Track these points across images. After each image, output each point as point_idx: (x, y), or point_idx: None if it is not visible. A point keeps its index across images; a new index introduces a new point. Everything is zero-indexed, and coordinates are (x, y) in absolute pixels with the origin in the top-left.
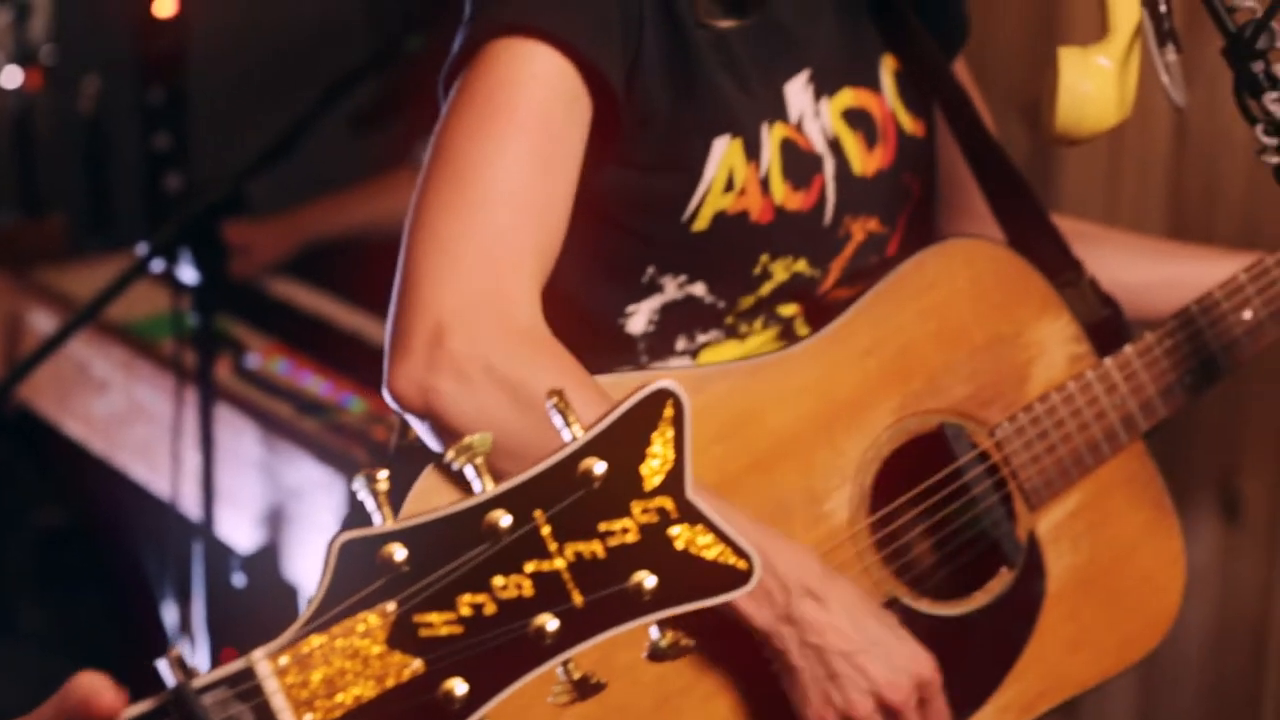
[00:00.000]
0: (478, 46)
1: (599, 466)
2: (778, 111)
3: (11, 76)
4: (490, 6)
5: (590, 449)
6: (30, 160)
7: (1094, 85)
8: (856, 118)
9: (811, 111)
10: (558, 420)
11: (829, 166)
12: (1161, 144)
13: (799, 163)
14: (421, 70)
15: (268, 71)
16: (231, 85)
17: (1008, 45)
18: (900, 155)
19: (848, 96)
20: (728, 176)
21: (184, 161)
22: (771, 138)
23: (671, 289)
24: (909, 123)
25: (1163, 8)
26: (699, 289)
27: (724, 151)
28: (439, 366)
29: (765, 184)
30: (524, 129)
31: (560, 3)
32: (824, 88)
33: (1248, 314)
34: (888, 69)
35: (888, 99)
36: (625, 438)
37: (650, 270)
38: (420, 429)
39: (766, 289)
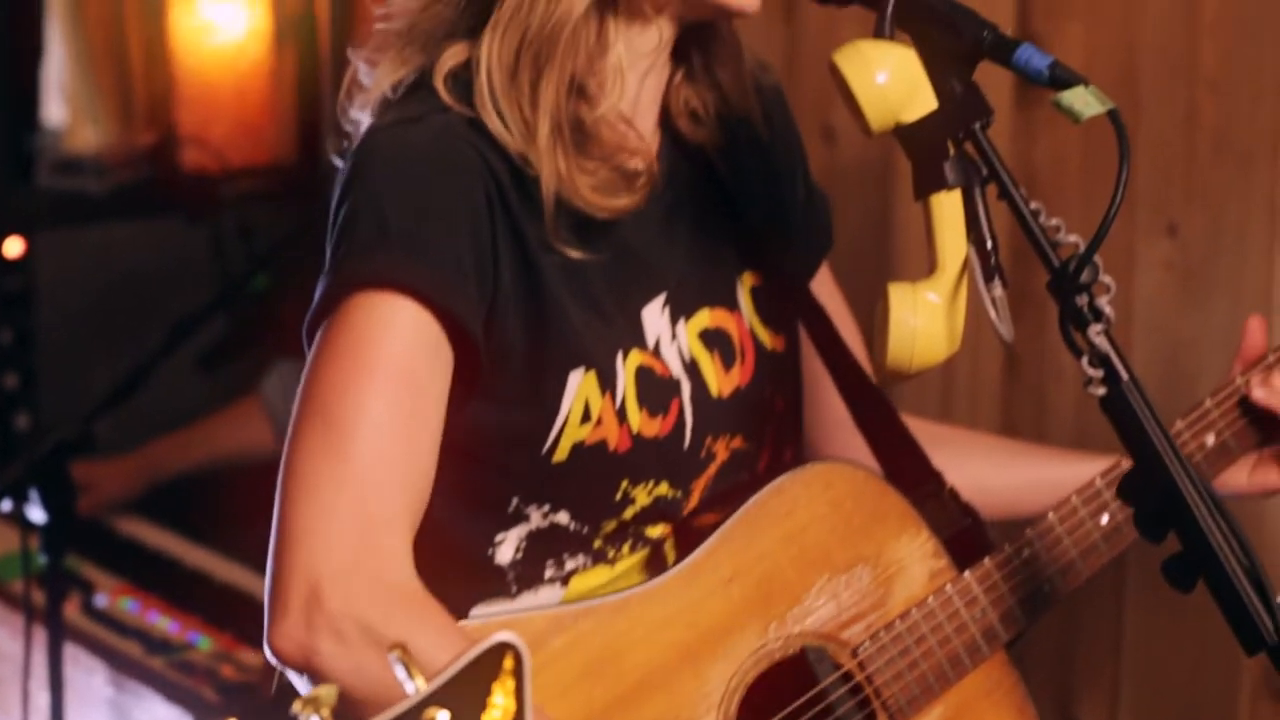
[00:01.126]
0: (339, 299)
1: (441, 716)
2: (634, 339)
3: None
4: (350, 260)
5: (433, 699)
6: None
7: (923, 320)
8: (714, 338)
9: (669, 335)
10: (400, 673)
11: (686, 389)
12: (992, 376)
13: (655, 389)
14: (267, 308)
15: (115, 311)
16: (79, 325)
17: (842, 280)
18: (759, 372)
19: (705, 317)
20: (584, 408)
21: (32, 401)
22: (626, 367)
23: (536, 518)
24: (768, 339)
25: (989, 244)
26: (563, 517)
27: (579, 384)
28: (317, 627)
29: (621, 413)
30: (389, 383)
31: (418, 257)
32: (681, 310)
33: (1104, 518)
34: (745, 286)
35: (746, 317)
36: (467, 689)
37: (514, 501)
38: (299, 682)
39: (629, 514)
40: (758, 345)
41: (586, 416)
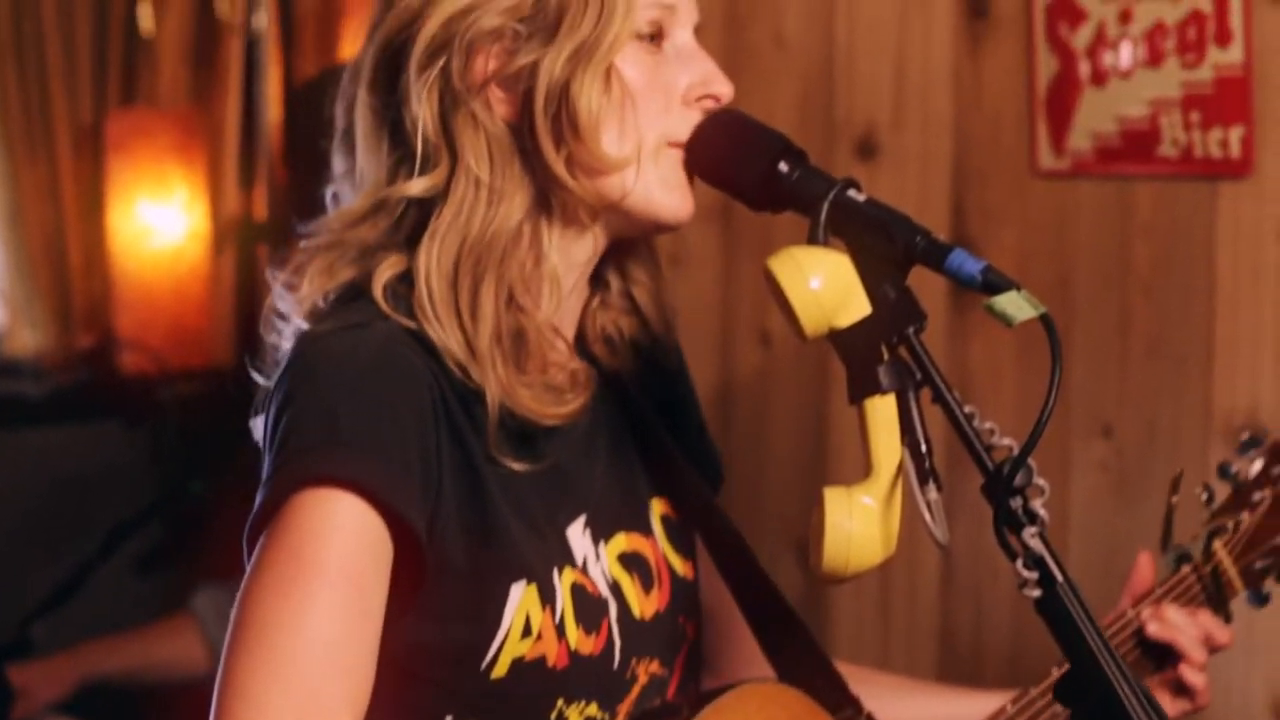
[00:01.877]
0: (284, 498)
1: None
2: (565, 556)
3: None
4: (297, 459)
5: None
6: None
7: (858, 524)
8: (632, 561)
9: (593, 555)
10: None
11: (613, 610)
12: (928, 579)
13: (588, 607)
14: (204, 514)
15: (53, 514)
16: (16, 528)
17: (779, 483)
18: (674, 598)
19: (622, 541)
20: (525, 622)
21: None
22: (563, 582)
23: None
24: (680, 565)
25: (923, 447)
26: None
27: (520, 598)
28: None
29: (560, 629)
30: (333, 582)
31: (364, 452)
32: (600, 532)
33: None
34: (656, 513)
35: (659, 543)
36: None
37: (449, 718)
38: None
39: None
40: (671, 571)
41: (528, 631)
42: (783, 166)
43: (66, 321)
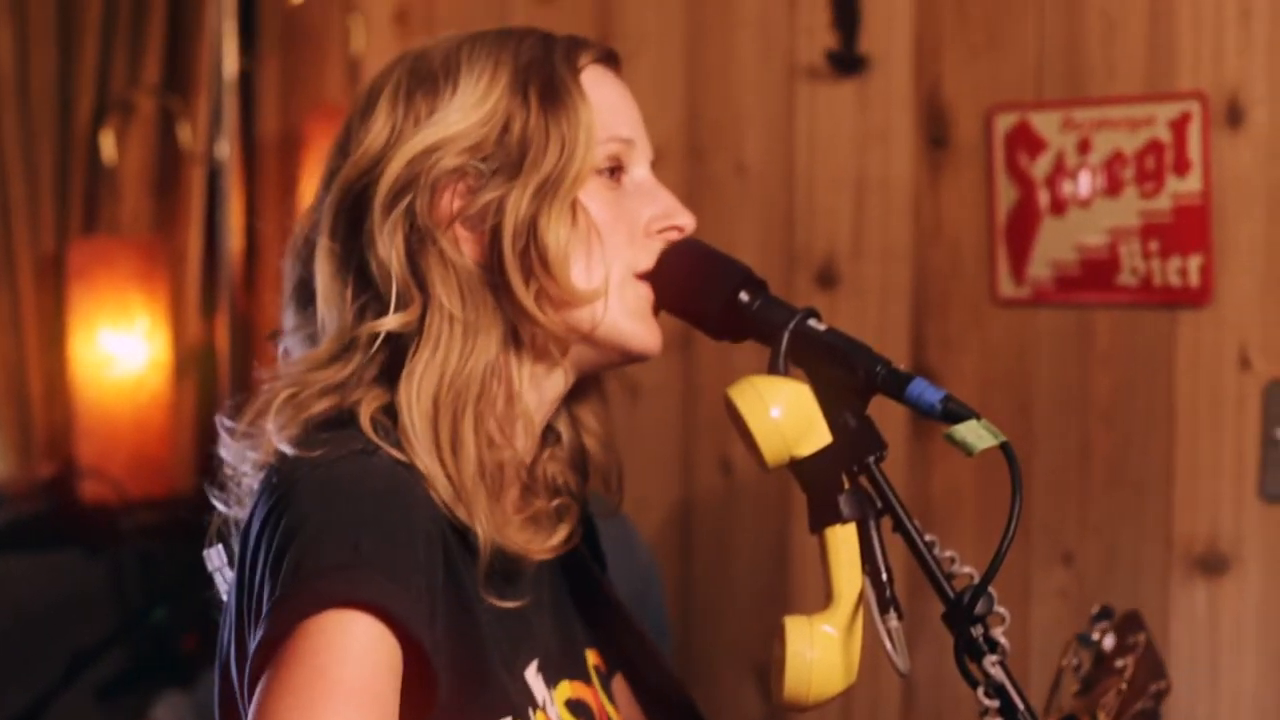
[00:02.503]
0: (302, 619)
1: None
2: (530, 697)
3: None
4: (313, 581)
5: None
6: None
7: (819, 653)
8: (578, 709)
9: (549, 699)
10: None
11: None
12: (890, 706)
13: None
14: (166, 641)
15: (14, 643)
16: None
17: (740, 611)
18: None
19: (567, 689)
20: None
21: None
22: None
23: None
24: (616, 716)
25: (884, 575)
26: None
27: None
28: None
29: None
30: (357, 703)
31: (384, 575)
32: (550, 678)
33: None
34: (590, 663)
35: (598, 691)
36: None
37: None
38: None
39: None
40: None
41: None
42: (743, 296)
43: (28, 450)
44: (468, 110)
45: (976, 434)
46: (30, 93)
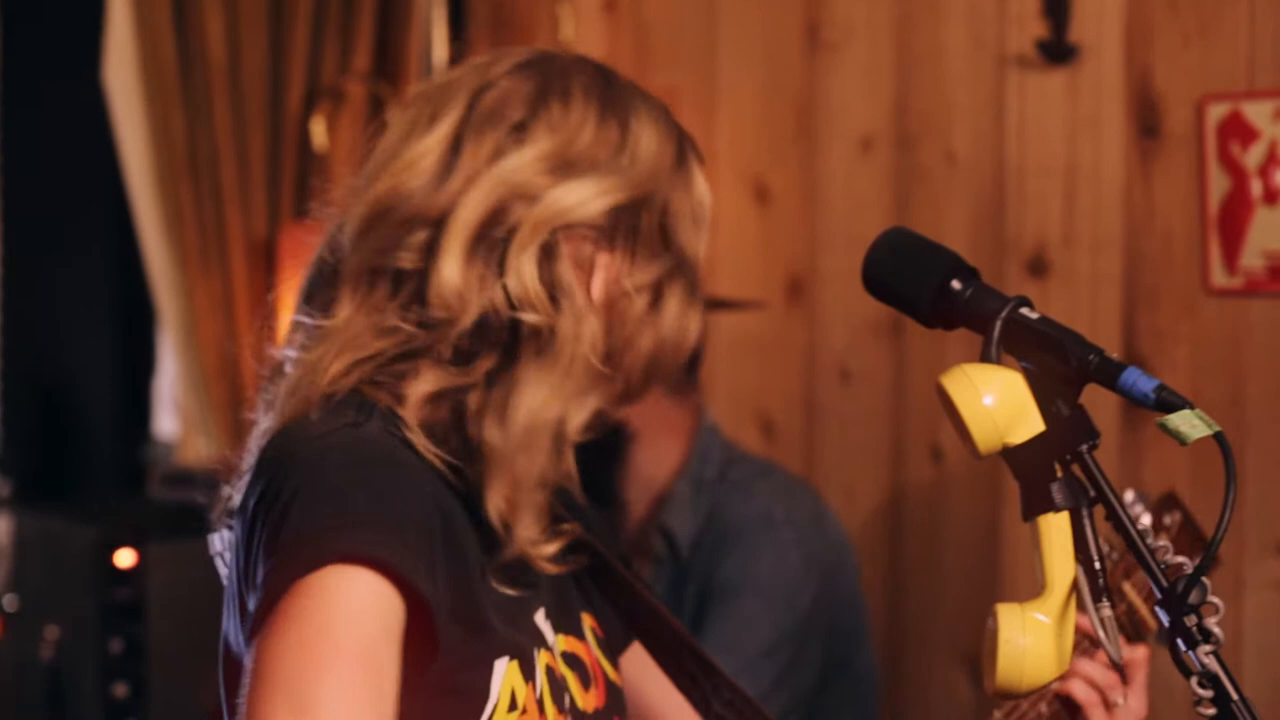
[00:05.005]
0: (298, 578)
1: None
2: (540, 639)
3: None
4: (308, 540)
5: None
6: None
7: (1032, 641)
8: (572, 660)
9: (554, 644)
10: None
11: (567, 698)
12: None
13: (558, 689)
14: None
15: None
16: (189, 635)
17: (951, 599)
18: (609, 699)
19: (563, 641)
20: (510, 696)
21: (142, 711)
22: (540, 662)
23: None
24: (612, 673)
25: (1097, 565)
26: None
27: (505, 672)
28: None
29: (540, 705)
30: (353, 664)
31: (378, 529)
32: (552, 626)
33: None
34: (588, 625)
35: (593, 648)
36: None
37: None
38: None
39: None
40: (605, 676)
41: (514, 705)
42: (955, 284)
43: (239, 432)
44: (649, 158)
45: (1190, 423)
46: (242, 80)
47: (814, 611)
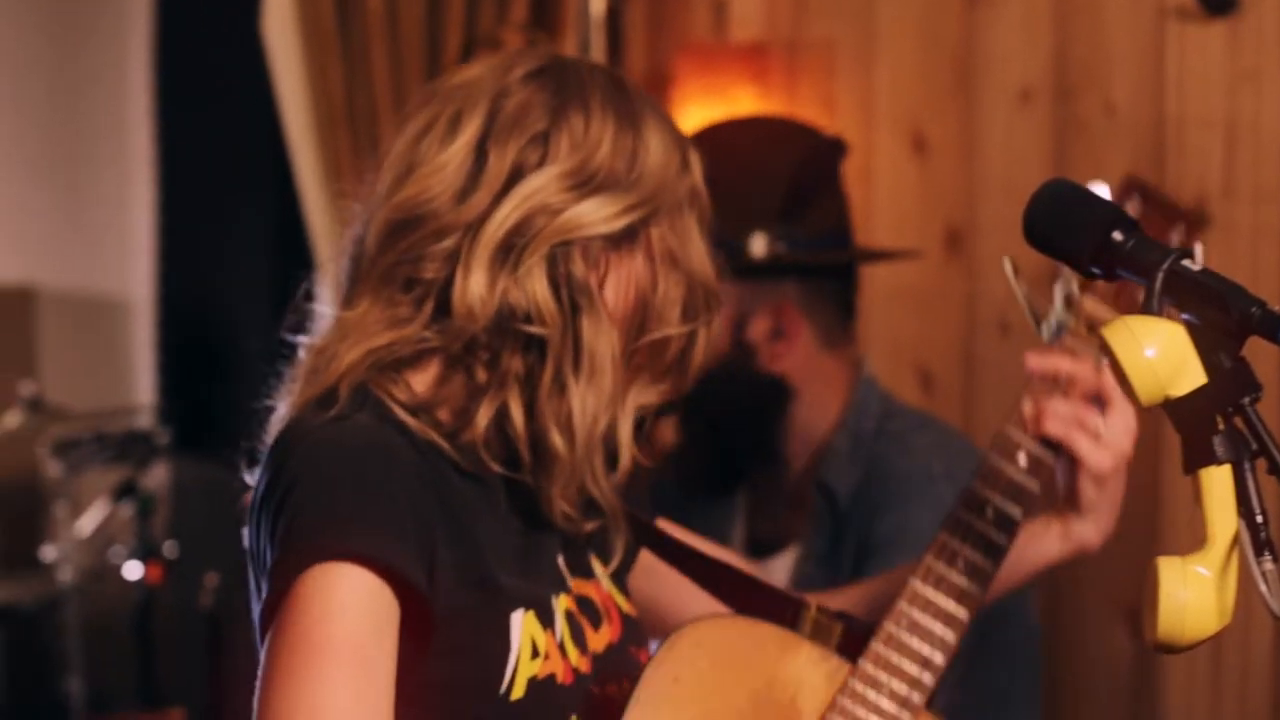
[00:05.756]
0: (291, 580)
1: None
2: (560, 583)
3: (133, 570)
4: (298, 542)
5: None
6: (150, 653)
7: (1193, 594)
8: (582, 603)
9: (570, 586)
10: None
11: (586, 638)
12: (1262, 651)
13: (577, 630)
14: None
15: None
16: None
17: (1111, 553)
18: (625, 632)
19: (573, 584)
20: (531, 645)
21: None
22: (559, 606)
23: None
24: (625, 605)
25: (1259, 518)
26: None
27: (523, 623)
28: None
29: (562, 648)
30: (343, 661)
31: (361, 524)
32: (569, 569)
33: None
34: (596, 560)
35: (603, 584)
36: None
37: None
38: None
39: None
40: (619, 609)
41: (535, 652)
42: (1116, 235)
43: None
44: (658, 168)
45: None
46: (400, 30)
47: None
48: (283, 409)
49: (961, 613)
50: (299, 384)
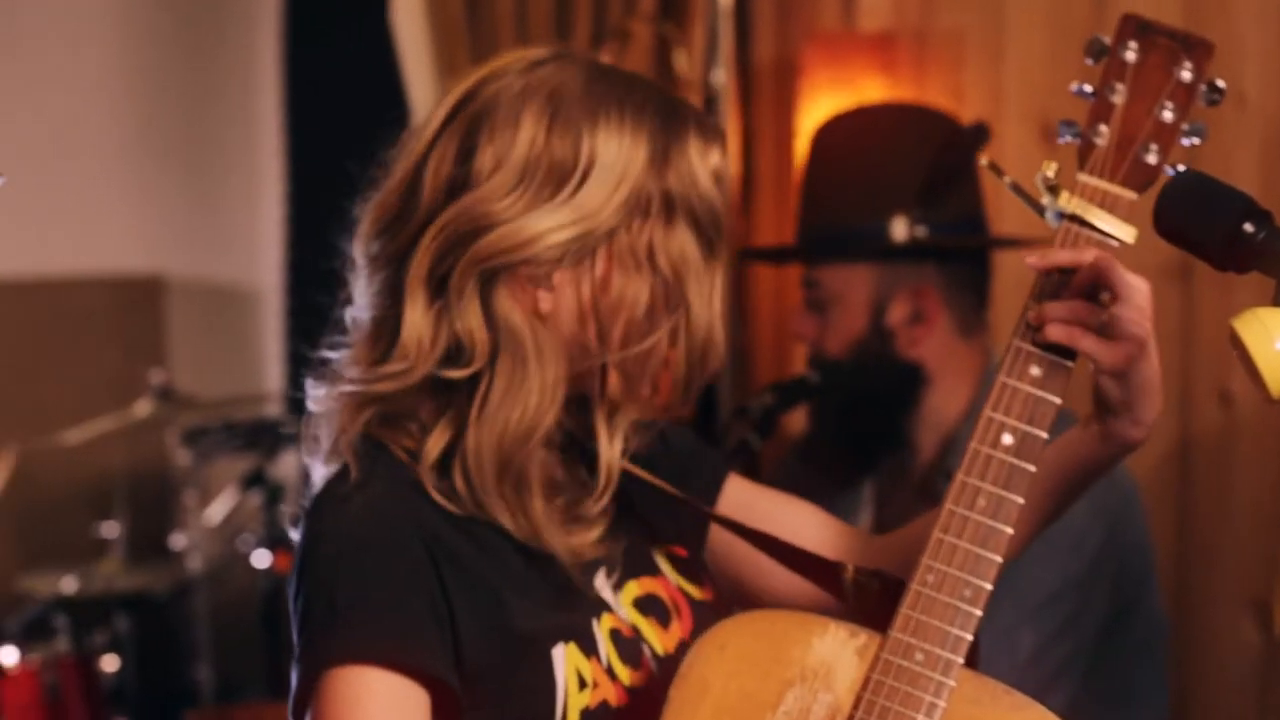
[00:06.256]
0: (312, 683)
1: None
2: (600, 605)
3: (261, 558)
4: (309, 645)
5: None
6: (278, 641)
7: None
8: (647, 603)
9: (616, 603)
10: None
11: (645, 648)
12: None
13: (627, 646)
14: None
15: None
16: None
17: (1239, 544)
18: (698, 622)
19: (634, 587)
20: (578, 677)
21: None
22: (602, 629)
23: None
24: (696, 591)
25: None
26: None
27: (564, 657)
28: None
29: (610, 672)
30: None
31: (365, 626)
32: (617, 583)
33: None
34: (662, 553)
35: (670, 578)
36: None
37: None
38: None
39: None
40: (689, 599)
41: (583, 684)
42: (1248, 227)
43: None
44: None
45: None
46: (528, 22)
47: (1100, 557)
48: (313, 461)
49: (992, 555)
50: (312, 441)
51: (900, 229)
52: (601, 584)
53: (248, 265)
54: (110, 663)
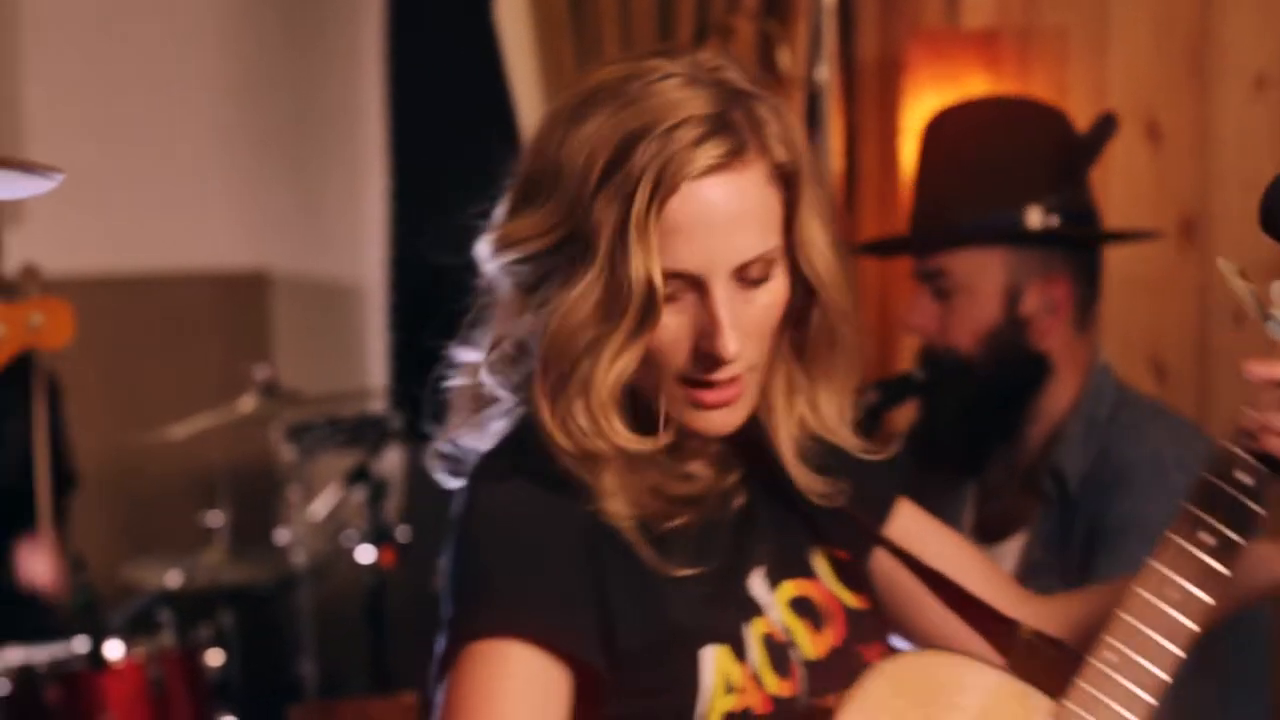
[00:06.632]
0: (456, 653)
1: None
2: (753, 609)
3: (365, 554)
4: (459, 617)
5: None
6: (382, 637)
7: None
8: (801, 606)
9: (771, 604)
10: None
11: (795, 653)
12: None
13: (778, 653)
14: None
15: None
16: None
17: None
18: (850, 630)
19: (790, 588)
20: (725, 681)
21: None
22: (754, 634)
23: None
24: (851, 599)
25: None
26: None
27: (714, 659)
28: None
29: (757, 679)
30: None
31: (527, 601)
32: (773, 582)
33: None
34: (820, 557)
35: (825, 582)
36: None
37: None
38: None
39: None
40: (843, 606)
41: (729, 688)
42: None
43: None
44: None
45: None
46: (632, 16)
47: None
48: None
49: (1174, 648)
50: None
51: (1035, 217)
52: (757, 585)
53: (351, 261)
54: (215, 656)
